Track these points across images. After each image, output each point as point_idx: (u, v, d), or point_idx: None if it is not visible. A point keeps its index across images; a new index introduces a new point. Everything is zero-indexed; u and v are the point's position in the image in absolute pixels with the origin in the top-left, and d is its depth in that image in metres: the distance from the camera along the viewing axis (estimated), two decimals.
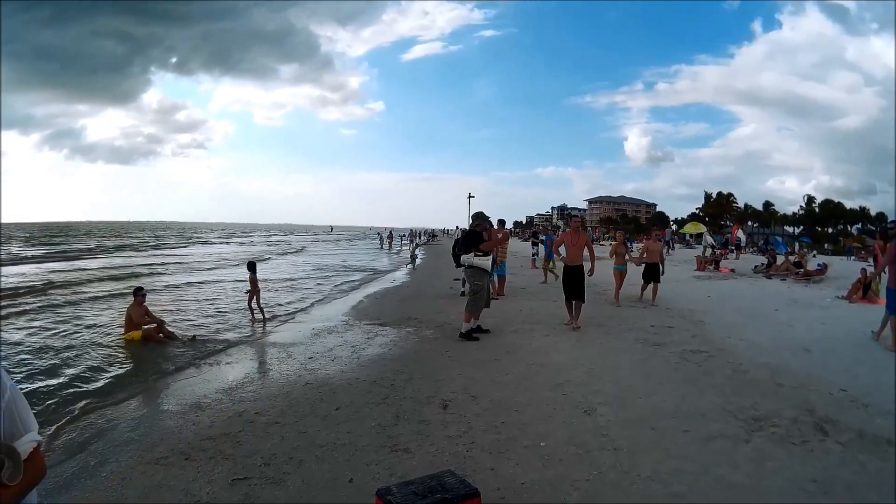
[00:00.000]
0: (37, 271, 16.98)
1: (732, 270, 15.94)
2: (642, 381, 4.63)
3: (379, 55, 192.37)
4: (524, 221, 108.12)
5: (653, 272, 9.33)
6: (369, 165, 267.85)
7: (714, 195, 71.78)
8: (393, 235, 36.26)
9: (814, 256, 19.77)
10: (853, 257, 22.06)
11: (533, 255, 16.59)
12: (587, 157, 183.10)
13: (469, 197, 26.22)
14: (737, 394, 4.23)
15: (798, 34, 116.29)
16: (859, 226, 62.34)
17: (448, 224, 55.53)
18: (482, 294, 6.59)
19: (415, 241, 30.48)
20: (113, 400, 4.54)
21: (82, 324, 8.10)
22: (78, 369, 5.56)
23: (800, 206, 68.20)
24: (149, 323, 6.86)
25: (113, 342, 6.80)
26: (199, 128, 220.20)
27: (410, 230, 45.39)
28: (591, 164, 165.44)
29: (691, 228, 34.33)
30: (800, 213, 67.57)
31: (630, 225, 68.63)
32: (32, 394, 4.64)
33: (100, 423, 3.97)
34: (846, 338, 6.42)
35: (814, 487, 2.74)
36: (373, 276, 16.48)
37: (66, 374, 5.36)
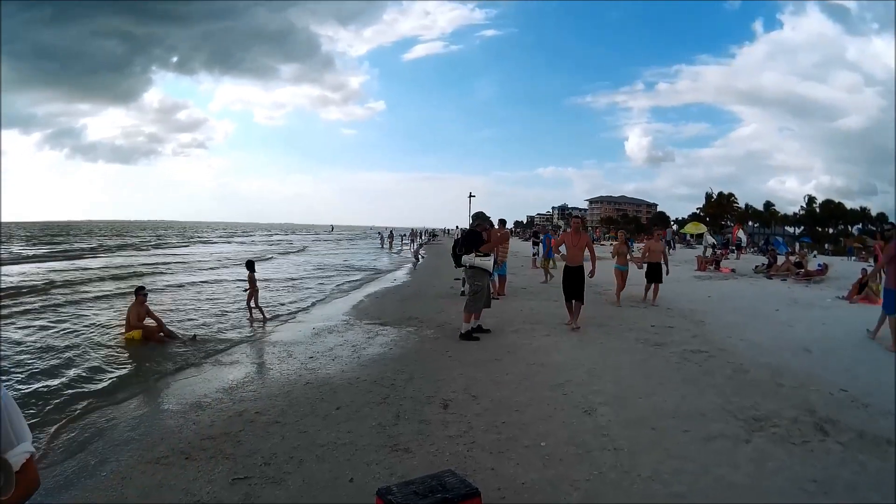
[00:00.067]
0: (38, 270, 16.99)
1: (733, 270, 15.92)
2: (643, 381, 4.63)
3: (380, 55, 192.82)
4: (525, 221, 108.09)
5: (655, 272, 9.33)
6: (370, 165, 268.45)
7: (715, 195, 71.75)
8: (394, 235, 36.15)
9: (814, 257, 19.75)
10: (854, 258, 22.02)
11: (534, 255, 16.60)
12: (588, 156, 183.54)
13: (470, 196, 26.14)
14: (737, 394, 4.23)
15: (799, 34, 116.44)
16: (860, 226, 62.32)
17: (449, 224, 55.53)
18: (482, 294, 6.59)
19: (417, 241, 30.45)
20: (113, 399, 4.55)
21: (83, 323, 8.11)
22: (78, 369, 5.57)
23: (800, 207, 68.15)
24: (149, 322, 6.87)
25: (113, 341, 6.81)
26: (199, 127, 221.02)
27: (411, 230, 45.37)
28: (591, 164, 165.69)
29: (692, 228, 34.43)
30: (800, 213, 67.49)
31: (631, 225, 68.59)
32: (32, 394, 4.66)
33: (100, 423, 3.97)
34: (847, 338, 6.41)
35: (814, 487, 2.74)
36: (373, 275, 16.49)
37: (67, 374, 5.36)
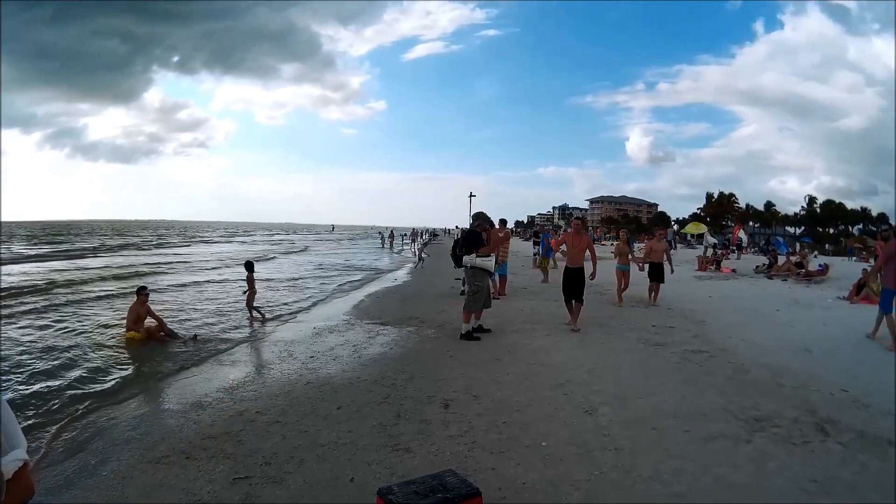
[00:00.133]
0: (39, 270, 17.00)
1: (734, 271, 15.91)
2: (643, 380, 4.62)
3: (381, 55, 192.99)
4: (525, 221, 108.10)
5: (658, 272, 9.32)
6: (370, 165, 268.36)
7: (716, 195, 71.74)
8: (394, 235, 36.04)
9: (815, 257, 19.77)
10: (854, 258, 22.01)
11: (535, 255, 16.59)
12: (588, 156, 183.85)
13: (470, 196, 26.19)
14: (738, 394, 4.23)
15: (799, 34, 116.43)
16: (860, 226, 62.35)
17: (449, 224, 55.58)
18: (481, 294, 6.59)
19: (419, 240, 30.39)
20: (114, 399, 4.55)
21: (84, 323, 8.10)
22: (79, 368, 5.56)
23: (801, 207, 68.34)
24: (150, 322, 6.88)
25: (114, 341, 6.81)
26: (200, 127, 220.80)
27: (413, 229, 45.34)
28: (592, 164, 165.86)
29: (693, 229, 34.46)
30: (801, 213, 67.59)
31: (632, 225, 68.57)
32: (33, 394, 4.66)
33: (101, 422, 3.97)
34: (847, 338, 6.41)
35: (814, 487, 2.74)
36: (374, 275, 16.48)
37: (67, 373, 5.36)
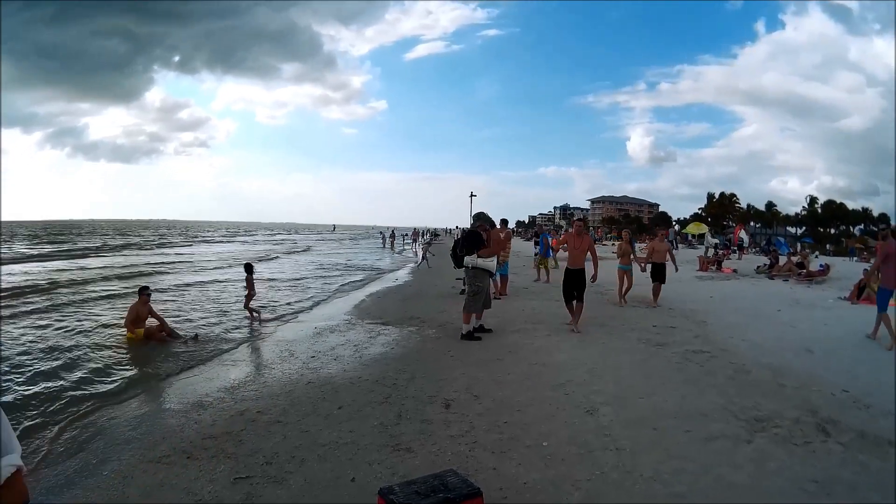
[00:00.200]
0: (40, 269, 17.03)
1: (735, 271, 15.89)
2: (644, 381, 4.62)
3: (381, 54, 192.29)
4: (526, 221, 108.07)
5: (659, 272, 9.31)
6: (371, 165, 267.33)
7: (717, 195, 71.70)
8: (395, 235, 35.99)
9: (816, 257, 19.73)
10: (855, 258, 21.99)
11: (536, 255, 16.57)
12: (589, 156, 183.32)
13: (471, 196, 26.11)
14: (739, 394, 4.23)
15: (801, 34, 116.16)
16: (862, 226, 62.28)
17: (450, 223, 55.58)
18: (481, 295, 6.59)
19: (421, 240, 30.34)
20: (115, 398, 4.56)
21: (85, 323, 8.11)
22: (80, 368, 5.58)
23: (802, 207, 68.31)
24: (151, 321, 6.89)
25: (115, 341, 6.82)
26: (201, 126, 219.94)
27: (414, 229, 45.31)
28: (593, 164, 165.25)
29: (694, 229, 34.46)
30: (802, 213, 67.52)
31: (633, 225, 68.54)
32: (33, 394, 4.66)
33: (101, 422, 3.98)
34: (848, 339, 6.41)
35: (815, 488, 2.74)
36: (375, 275, 16.49)
37: (68, 373, 5.37)
